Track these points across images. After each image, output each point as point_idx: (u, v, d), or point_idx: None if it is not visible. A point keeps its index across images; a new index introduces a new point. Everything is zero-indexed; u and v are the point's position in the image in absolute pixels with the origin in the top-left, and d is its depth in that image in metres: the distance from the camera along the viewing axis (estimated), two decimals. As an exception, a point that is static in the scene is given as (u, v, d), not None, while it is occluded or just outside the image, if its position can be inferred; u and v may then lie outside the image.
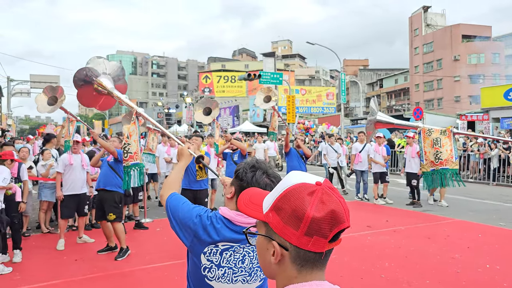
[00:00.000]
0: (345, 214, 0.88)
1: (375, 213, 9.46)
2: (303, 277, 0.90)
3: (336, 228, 0.86)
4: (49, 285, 4.97)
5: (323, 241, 0.86)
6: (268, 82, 30.61)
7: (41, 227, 7.63)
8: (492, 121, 22.96)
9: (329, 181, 0.93)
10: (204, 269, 1.72)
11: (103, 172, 6.35)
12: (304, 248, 0.88)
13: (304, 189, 0.88)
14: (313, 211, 0.85)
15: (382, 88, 65.85)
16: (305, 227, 0.86)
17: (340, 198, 0.90)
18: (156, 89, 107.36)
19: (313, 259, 0.89)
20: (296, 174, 0.94)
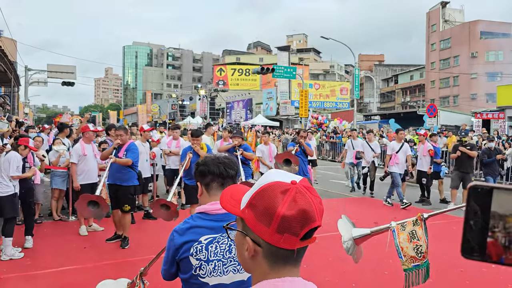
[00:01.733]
0: (317, 213, 0.88)
1: (383, 210, 9.44)
2: (275, 273, 0.92)
3: (307, 227, 0.87)
4: (58, 271, 5.10)
5: (294, 239, 0.87)
6: (282, 76, 30.52)
7: (53, 214, 7.80)
8: (507, 120, 22.61)
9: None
10: (196, 270, 1.74)
11: (117, 167, 6.24)
12: (275, 245, 0.89)
13: (278, 188, 0.89)
14: (284, 209, 0.86)
15: (397, 84, 65.10)
16: (276, 224, 0.87)
17: (315, 197, 0.91)
18: (171, 80, 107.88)
19: (285, 256, 0.91)
20: (273, 172, 0.96)
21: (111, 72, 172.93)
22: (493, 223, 0.51)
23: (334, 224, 8.26)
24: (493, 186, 0.53)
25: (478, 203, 0.53)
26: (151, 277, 5.04)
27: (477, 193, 0.53)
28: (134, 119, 71.91)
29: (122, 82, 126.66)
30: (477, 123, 22.90)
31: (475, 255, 0.53)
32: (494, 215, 0.51)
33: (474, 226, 0.53)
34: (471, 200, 0.54)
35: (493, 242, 0.51)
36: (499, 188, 0.52)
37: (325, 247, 6.28)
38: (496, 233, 0.51)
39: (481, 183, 0.53)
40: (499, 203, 0.51)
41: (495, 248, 0.51)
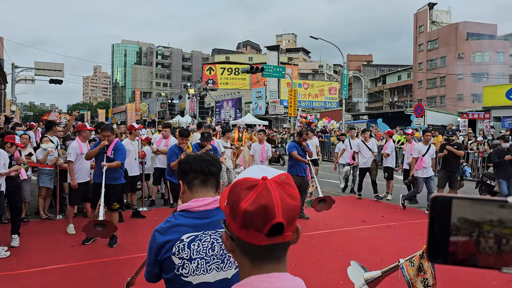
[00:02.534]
0: (278, 210, 0.86)
1: (371, 209, 9.52)
2: (258, 270, 0.93)
3: (269, 223, 0.86)
4: (45, 270, 5.06)
5: (259, 235, 0.87)
6: (271, 75, 30.57)
7: (40, 213, 7.73)
8: (493, 120, 22.95)
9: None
10: (178, 269, 1.71)
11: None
12: (244, 240, 0.91)
13: (245, 183, 0.90)
14: (245, 205, 0.87)
15: (385, 84, 65.63)
16: (240, 219, 0.88)
17: (286, 194, 0.90)
18: (160, 79, 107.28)
19: (257, 251, 0.91)
20: (250, 168, 0.97)
21: (100, 70, 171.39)
22: (453, 229, 0.56)
23: (322, 223, 8.35)
24: (452, 196, 0.57)
25: (440, 212, 0.58)
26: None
27: (438, 203, 0.58)
28: (123, 118, 71.45)
29: (111, 80, 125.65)
30: (463, 123, 23.19)
31: (439, 259, 0.57)
32: (453, 222, 0.56)
33: (437, 233, 0.58)
34: (434, 209, 0.58)
35: (454, 247, 0.56)
36: (458, 198, 0.57)
37: (314, 245, 6.33)
38: (456, 238, 0.56)
39: (442, 194, 0.58)
40: (458, 211, 0.56)
41: (456, 252, 0.56)
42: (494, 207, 0.54)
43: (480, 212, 0.55)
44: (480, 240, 0.55)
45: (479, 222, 0.55)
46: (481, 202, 0.55)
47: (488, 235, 0.54)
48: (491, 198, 0.55)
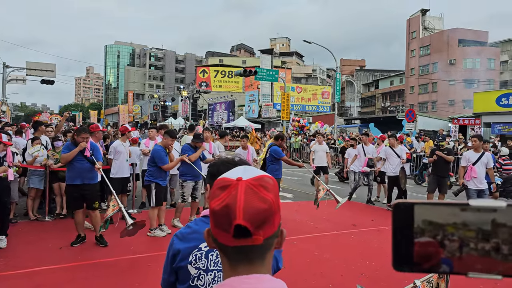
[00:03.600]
0: (239, 211, 0.85)
1: (362, 212, 9.56)
2: (234, 271, 0.92)
3: (232, 224, 0.85)
4: (32, 271, 5.01)
5: (226, 235, 0.87)
6: (264, 79, 30.63)
7: (29, 214, 7.66)
8: (483, 126, 23.18)
9: None
10: (194, 280, 1.59)
11: (87, 168, 6.20)
12: (217, 239, 0.91)
13: (220, 183, 0.91)
14: (214, 204, 0.88)
15: (378, 89, 66.05)
16: (212, 218, 0.90)
17: (251, 196, 0.88)
18: (153, 81, 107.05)
19: (228, 252, 0.91)
20: (235, 169, 0.96)
21: (92, 71, 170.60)
22: (416, 234, 0.56)
23: (312, 226, 8.36)
24: (413, 202, 0.56)
25: (402, 219, 0.57)
26: (135, 267, 5.03)
27: (400, 210, 0.57)
28: (115, 119, 71.11)
29: (104, 82, 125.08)
30: (454, 128, 23.39)
31: (404, 267, 0.57)
32: (417, 225, 0.56)
33: (401, 241, 0.57)
34: (396, 216, 0.57)
35: (419, 253, 0.56)
36: (419, 203, 0.56)
37: (303, 248, 6.34)
38: (421, 243, 0.55)
39: (404, 201, 0.57)
40: (421, 214, 0.55)
41: (421, 259, 0.56)
42: (456, 210, 0.54)
43: (444, 215, 0.54)
44: (445, 244, 0.54)
45: (442, 224, 0.54)
46: (443, 205, 0.55)
47: (452, 238, 0.54)
48: (452, 202, 0.55)
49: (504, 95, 22.97)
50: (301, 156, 24.75)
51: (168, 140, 6.90)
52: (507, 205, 0.52)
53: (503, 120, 22.57)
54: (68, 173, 6.17)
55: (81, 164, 6.16)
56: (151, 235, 6.73)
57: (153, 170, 6.79)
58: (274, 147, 8.41)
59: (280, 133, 8.98)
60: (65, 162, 6.10)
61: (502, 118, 22.70)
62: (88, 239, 6.31)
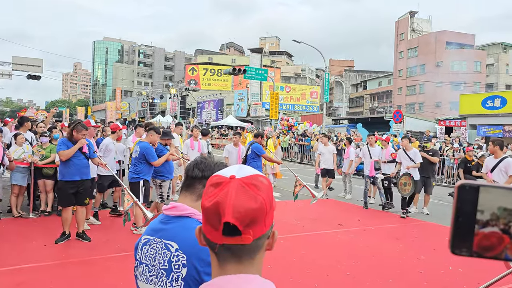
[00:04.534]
0: (229, 209, 0.84)
1: (348, 212, 9.61)
2: (222, 269, 0.92)
3: (221, 221, 0.85)
4: (14, 269, 4.94)
5: (215, 233, 0.87)
6: (253, 77, 30.61)
7: (12, 211, 7.55)
8: (469, 128, 23.48)
9: None
10: (135, 268, 1.58)
11: (85, 164, 6.22)
12: (207, 237, 0.91)
13: (213, 180, 0.91)
14: (205, 201, 0.89)
15: (366, 89, 66.53)
16: (203, 215, 0.90)
17: (242, 195, 0.87)
18: (141, 78, 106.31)
19: (219, 250, 0.90)
20: (230, 167, 0.97)
21: (80, 67, 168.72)
22: (480, 219, 0.54)
23: (299, 226, 8.38)
24: (479, 184, 0.55)
25: (466, 201, 0.55)
26: (121, 265, 4.97)
27: (465, 191, 0.55)
28: (102, 116, 70.43)
29: (92, 78, 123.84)
30: (440, 130, 23.66)
31: (463, 250, 0.55)
32: (481, 211, 0.54)
33: (462, 223, 0.55)
34: (460, 198, 0.55)
35: (480, 238, 0.54)
36: (486, 186, 0.54)
37: (290, 248, 6.35)
38: (482, 229, 0.54)
39: (469, 182, 0.55)
40: (485, 200, 0.54)
41: (481, 244, 0.54)
42: None
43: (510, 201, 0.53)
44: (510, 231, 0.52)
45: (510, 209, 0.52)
46: (509, 190, 0.53)
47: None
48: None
49: (490, 98, 23.31)
50: (289, 155, 24.82)
51: (154, 137, 6.90)
52: None
53: (488, 122, 22.91)
54: (64, 169, 6.04)
55: (80, 160, 6.14)
56: (137, 233, 6.68)
57: (142, 167, 6.74)
58: (255, 144, 8.51)
59: (260, 131, 9.03)
60: (66, 158, 5.98)
61: (488, 120, 23.04)
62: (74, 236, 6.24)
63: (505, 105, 22.19)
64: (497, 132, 22.37)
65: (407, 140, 9.54)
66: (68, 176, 6.03)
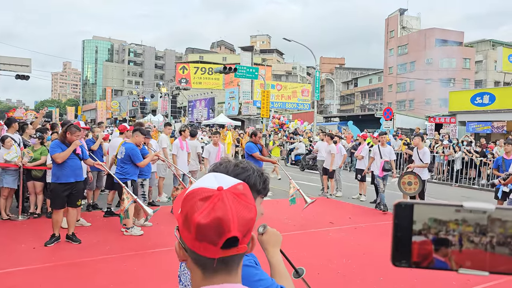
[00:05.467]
0: (234, 223, 0.83)
1: (339, 210, 9.66)
2: (208, 281, 0.90)
3: (223, 237, 0.83)
4: (4, 273, 4.89)
5: (213, 248, 0.85)
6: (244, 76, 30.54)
7: (1, 213, 7.47)
8: (458, 124, 23.69)
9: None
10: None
11: (79, 165, 6.22)
12: (197, 252, 0.87)
13: (200, 194, 0.87)
14: (199, 217, 0.84)
15: (357, 87, 66.79)
16: (194, 232, 0.85)
17: (242, 206, 0.87)
18: (132, 77, 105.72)
19: (210, 264, 0.88)
20: (206, 176, 0.94)
21: (70, 67, 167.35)
22: (415, 232, 0.60)
23: (290, 224, 8.39)
24: (413, 202, 0.61)
25: (402, 217, 0.60)
26: (111, 267, 4.96)
27: (401, 209, 0.61)
28: (93, 116, 69.96)
29: (81, 77, 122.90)
30: (430, 127, 23.83)
31: (403, 262, 0.61)
32: (416, 226, 0.60)
33: (401, 237, 0.60)
34: (397, 215, 0.61)
35: (416, 250, 0.60)
36: (418, 203, 0.60)
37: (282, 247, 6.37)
38: (419, 240, 0.59)
39: (405, 201, 0.61)
40: (419, 215, 0.59)
41: (418, 255, 0.60)
42: (451, 211, 0.58)
43: (440, 215, 0.59)
44: (441, 241, 0.58)
45: (445, 221, 0.58)
46: (440, 206, 0.59)
47: (452, 233, 0.58)
48: (447, 203, 0.59)
49: (478, 94, 23.52)
50: (280, 153, 24.85)
51: (140, 138, 6.94)
52: (495, 208, 0.57)
53: (477, 119, 23.12)
54: (59, 171, 5.98)
55: (74, 162, 6.12)
56: (128, 234, 6.66)
57: (128, 168, 6.76)
58: (248, 143, 8.59)
59: (255, 130, 9.03)
60: (62, 160, 5.92)
61: (476, 116, 23.25)
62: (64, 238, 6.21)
63: (493, 102, 22.41)
64: (485, 129, 22.60)
65: (419, 138, 9.25)
66: (63, 178, 5.99)
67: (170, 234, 6.75)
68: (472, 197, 13.01)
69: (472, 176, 15.75)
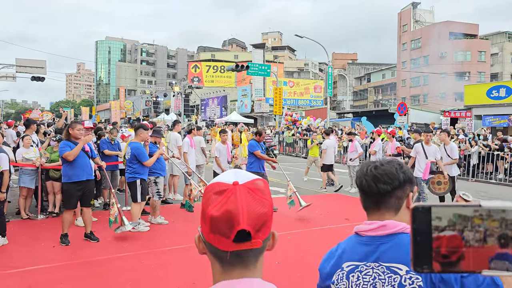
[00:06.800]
0: (243, 216, 0.85)
1: (355, 206, 9.58)
2: (227, 274, 0.92)
3: (234, 229, 0.85)
4: (25, 271, 5.00)
5: (225, 241, 0.86)
6: (256, 73, 30.57)
7: (21, 213, 7.62)
8: (474, 118, 23.34)
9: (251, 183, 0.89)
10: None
11: (84, 163, 6.16)
12: (212, 244, 0.90)
13: (215, 188, 0.90)
14: (212, 210, 0.87)
15: (370, 82, 66.24)
16: (208, 224, 0.88)
17: (255, 200, 0.88)
18: (145, 76, 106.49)
19: (224, 256, 0.90)
20: (225, 173, 0.96)
21: (84, 68, 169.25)
22: (435, 236, 0.58)
23: (305, 221, 8.38)
24: (431, 205, 0.59)
25: (420, 221, 0.59)
26: (127, 265, 5.02)
27: (419, 213, 0.59)
28: (107, 116, 70.67)
29: (95, 78, 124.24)
30: (445, 121, 23.53)
31: (424, 267, 0.59)
32: (435, 228, 0.58)
33: (420, 242, 0.59)
34: (415, 219, 0.60)
35: (437, 254, 0.58)
36: (436, 206, 0.59)
37: (297, 243, 6.37)
38: (439, 246, 0.58)
39: (422, 204, 0.60)
40: (437, 217, 0.58)
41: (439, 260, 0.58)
42: (469, 211, 0.57)
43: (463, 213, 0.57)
44: (465, 240, 0.57)
45: (469, 216, 0.57)
46: (457, 207, 0.58)
47: (477, 229, 0.57)
48: (465, 204, 0.58)
49: (495, 88, 23.13)
50: (294, 150, 24.81)
51: (144, 134, 6.97)
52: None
53: (494, 112, 22.75)
54: (71, 171, 5.97)
55: (84, 160, 6.14)
56: (135, 231, 6.75)
57: (137, 167, 6.80)
58: (251, 141, 8.65)
59: (260, 129, 9.07)
60: (73, 157, 5.92)
61: (493, 110, 22.87)
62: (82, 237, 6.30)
63: (510, 95, 22.01)
64: (502, 122, 22.22)
65: (445, 134, 8.81)
66: (75, 177, 6.01)
67: (186, 233, 6.80)
68: (488, 192, 12.83)
69: (489, 171, 15.52)
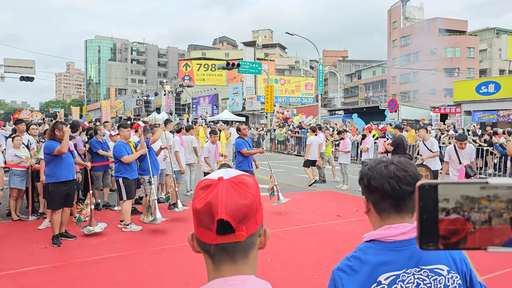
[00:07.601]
0: (221, 206, 0.86)
1: (346, 203, 9.67)
2: (218, 272, 0.93)
3: (214, 220, 0.87)
4: (17, 272, 4.97)
5: (209, 233, 0.89)
6: (247, 71, 30.58)
7: (12, 214, 7.56)
8: (464, 114, 23.56)
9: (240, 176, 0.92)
10: None
11: (70, 162, 6.20)
12: (201, 240, 0.92)
13: (201, 184, 0.94)
14: (196, 204, 0.90)
15: (360, 79, 66.52)
16: (195, 218, 0.92)
17: (232, 192, 0.89)
18: (135, 75, 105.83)
19: (214, 251, 0.91)
20: (217, 171, 0.99)
21: (73, 67, 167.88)
22: (442, 212, 0.58)
23: (298, 218, 8.42)
24: (437, 182, 0.59)
25: (427, 198, 0.59)
26: (121, 265, 5.01)
27: (425, 190, 0.59)
28: (97, 115, 70.20)
29: (85, 77, 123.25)
30: (435, 117, 23.73)
31: (430, 245, 0.59)
32: (442, 205, 0.58)
33: (427, 220, 0.59)
34: (422, 197, 0.60)
35: (444, 230, 0.58)
36: (443, 183, 0.59)
37: (289, 240, 6.41)
38: (445, 224, 0.58)
39: (428, 181, 0.59)
40: (444, 195, 0.58)
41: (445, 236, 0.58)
42: (476, 189, 0.57)
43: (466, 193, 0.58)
44: (470, 219, 0.57)
45: (477, 197, 0.57)
46: (464, 184, 0.58)
47: (483, 210, 0.57)
48: (472, 181, 0.58)
49: (484, 83, 23.38)
50: (285, 148, 24.86)
51: (124, 132, 7.03)
52: None
53: (483, 108, 23.00)
54: (58, 170, 5.93)
55: (70, 159, 6.16)
56: (127, 231, 6.74)
57: (118, 166, 6.92)
58: (237, 139, 8.49)
59: (238, 125, 9.00)
60: (66, 150, 5.89)
61: (482, 106, 23.12)
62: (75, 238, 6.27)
63: (499, 91, 22.26)
64: (491, 118, 22.47)
65: (424, 130, 9.25)
66: (62, 177, 6.00)
67: (178, 232, 6.81)
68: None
69: (478, 166, 15.67)
